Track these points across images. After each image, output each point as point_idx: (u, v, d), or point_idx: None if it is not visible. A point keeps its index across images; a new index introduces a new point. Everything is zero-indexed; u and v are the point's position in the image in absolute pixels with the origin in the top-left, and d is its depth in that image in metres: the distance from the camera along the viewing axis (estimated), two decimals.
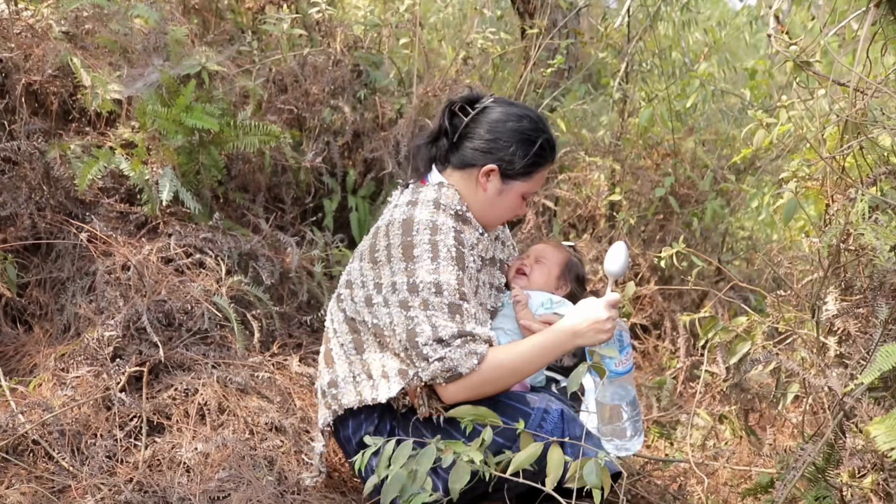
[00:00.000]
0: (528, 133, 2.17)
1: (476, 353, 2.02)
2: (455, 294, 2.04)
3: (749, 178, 3.59)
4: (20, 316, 3.06)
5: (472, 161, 2.19)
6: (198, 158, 3.08)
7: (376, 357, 2.17)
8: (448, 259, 2.07)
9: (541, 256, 2.47)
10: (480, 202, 2.22)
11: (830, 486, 1.84)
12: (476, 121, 2.19)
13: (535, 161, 2.18)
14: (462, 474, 1.53)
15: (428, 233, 2.10)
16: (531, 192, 2.26)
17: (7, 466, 2.45)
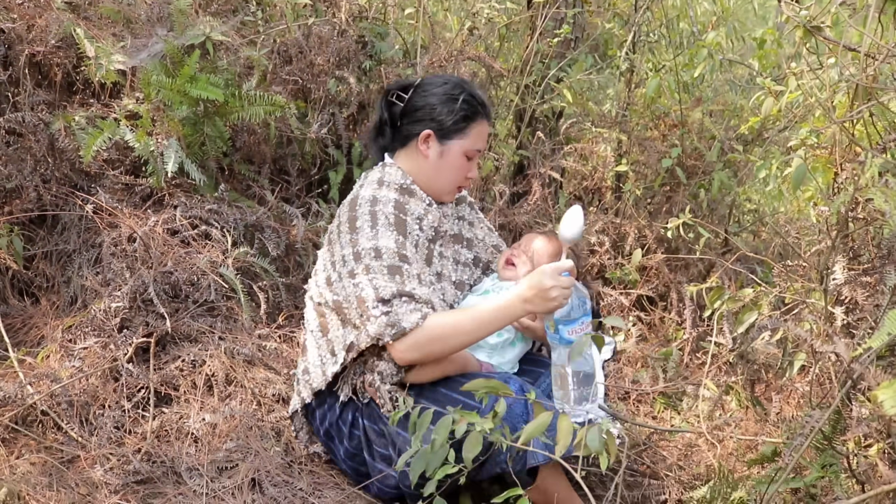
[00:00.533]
0: (450, 92, 2.31)
1: (419, 310, 2.09)
2: (394, 256, 2.14)
3: (756, 150, 3.56)
4: (27, 288, 3.06)
5: (410, 134, 2.34)
6: (203, 130, 3.07)
7: (339, 334, 2.25)
8: (386, 225, 2.19)
9: (530, 246, 2.49)
10: (426, 171, 2.34)
11: (837, 453, 1.84)
12: (408, 101, 2.34)
13: (463, 116, 2.29)
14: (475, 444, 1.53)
15: (368, 205, 2.24)
16: (474, 150, 2.34)
17: (17, 437, 2.47)
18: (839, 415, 1.98)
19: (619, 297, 3.58)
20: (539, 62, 3.70)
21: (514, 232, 3.70)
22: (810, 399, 2.14)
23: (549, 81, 3.66)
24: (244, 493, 2.32)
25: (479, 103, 2.34)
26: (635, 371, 3.32)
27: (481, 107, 2.35)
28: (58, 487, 2.33)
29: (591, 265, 3.72)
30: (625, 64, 3.71)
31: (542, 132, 3.77)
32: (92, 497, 2.31)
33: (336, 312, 2.25)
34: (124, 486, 2.34)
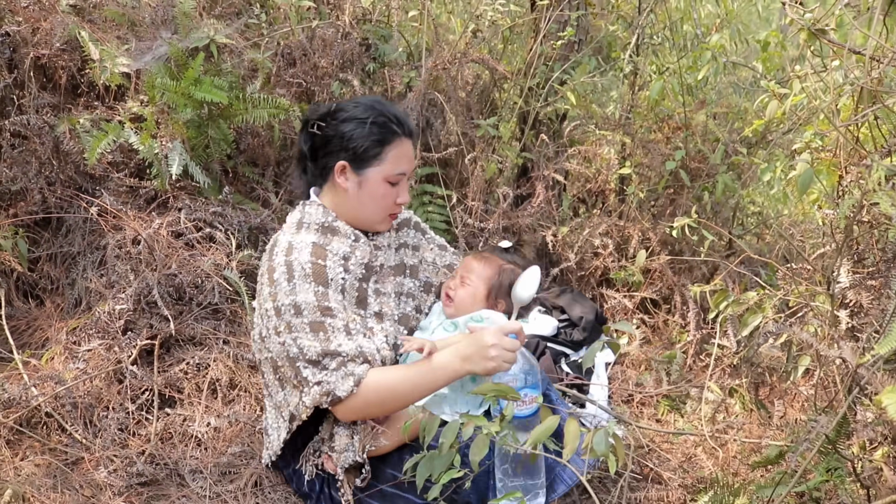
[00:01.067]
0: (360, 117, 2.13)
1: (353, 374, 1.99)
2: (315, 311, 2.01)
3: (760, 153, 3.56)
4: (31, 290, 3.07)
5: (327, 167, 2.18)
6: (207, 132, 3.07)
7: (281, 397, 2.17)
8: (303, 277, 2.05)
9: (466, 274, 2.34)
10: (348, 205, 2.19)
11: (843, 457, 1.83)
12: (322, 131, 2.18)
13: (376, 140, 2.13)
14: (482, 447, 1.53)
15: (283, 254, 2.09)
16: (396, 174, 2.17)
17: (21, 438, 2.48)
18: (844, 419, 1.97)
19: (622, 299, 3.58)
20: (542, 65, 3.70)
21: (518, 234, 3.70)
22: (815, 403, 2.14)
23: (552, 84, 3.65)
24: (247, 497, 2.32)
25: (395, 122, 2.16)
26: (639, 374, 3.32)
27: (397, 126, 2.16)
28: (62, 489, 2.33)
29: (594, 268, 3.72)
30: (628, 66, 3.71)
31: (546, 135, 3.77)
32: (96, 499, 2.31)
33: (274, 371, 2.15)
34: (128, 488, 2.35)
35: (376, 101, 2.20)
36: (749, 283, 3.41)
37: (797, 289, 2.38)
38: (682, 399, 3.12)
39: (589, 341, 3.41)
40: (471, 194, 3.64)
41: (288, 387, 2.13)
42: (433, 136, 3.68)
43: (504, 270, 2.34)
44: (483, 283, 2.32)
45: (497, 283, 2.33)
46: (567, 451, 1.54)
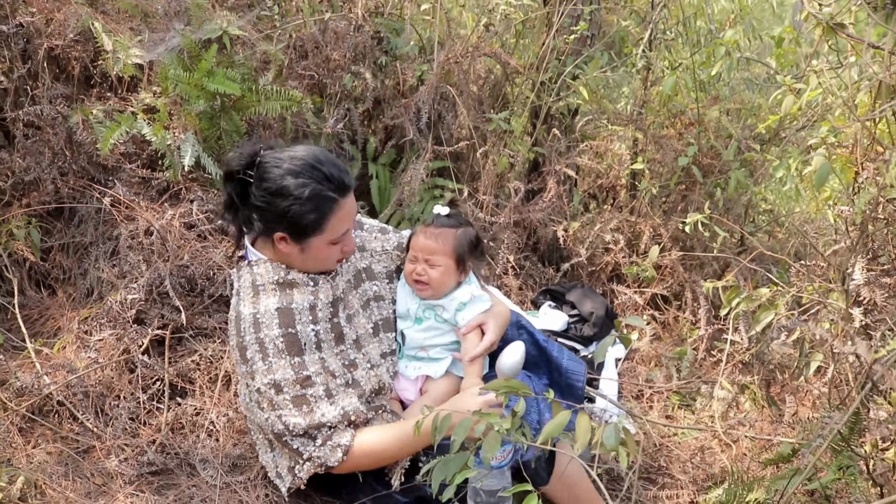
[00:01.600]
0: (296, 192, 1.99)
1: (339, 445, 2.04)
2: (295, 386, 2.02)
3: (773, 149, 3.54)
4: (44, 280, 3.08)
5: (265, 231, 2.07)
6: (219, 124, 3.07)
7: (269, 458, 2.22)
8: (277, 353, 2.02)
9: (429, 256, 2.28)
10: (295, 263, 2.12)
11: (856, 455, 1.83)
12: (255, 191, 2.03)
13: (315, 217, 2.02)
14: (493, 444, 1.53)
15: (253, 331, 2.04)
16: (338, 235, 2.09)
17: (33, 426, 2.49)
18: (857, 416, 1.96)
19: (633, 295, 3.58)
20: (555, 59, 3.69)
21: (529, 229, 3.69)
22: (829, 400, 2.13)
23: (565, 78, 3.64)
24: (257, 488, 2.33)
25: (331, 188, 2.02)
26: (649, 370, 3.31)
27: (334, 191, 2.02)
28: (73, 477, 2.34)
29: (604, 263, 3.72)
30: (641, 61, 3.69)
31: (558, 129, 3.76)
32: (107, 487, 2.32)
33: (262, 433, 2.19)
34: (139, 477, 2.36)
35: (306, 167, 2.01)
36: (761, 280, 3.40)
37: (811, 286, 2.36)
38: (693, 395, 3.11)
39: (599, 337, 3.41)
40: (482, 188, 3.64)
41: (277, 449, 2.18)
42: (445, 130, 3.67)
43: (459, 235, 2.30)
44: (448, 257, 2.28)
45: (461, 251, 2.29)
46: (579, 446, 1.53)
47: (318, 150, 2.10)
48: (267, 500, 2.29)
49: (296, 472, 2.10)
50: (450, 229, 2.30)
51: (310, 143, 3.18)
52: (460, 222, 2.33)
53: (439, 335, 2.32)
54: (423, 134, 3.60)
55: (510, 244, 3.49)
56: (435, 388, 2.29)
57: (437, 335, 2.32)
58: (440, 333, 2.32)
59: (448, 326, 2.32)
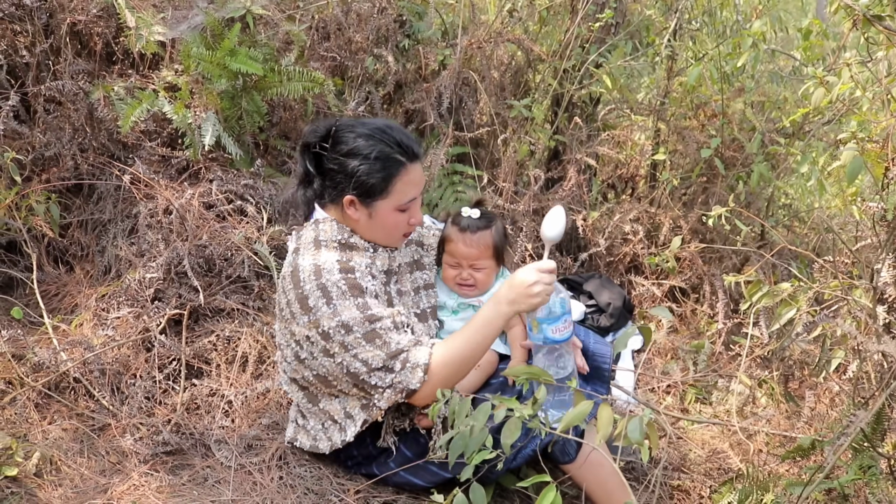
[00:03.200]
0: (362, 153, 2.08)
1: (418, 365, 2.02)
2: (364, 323, 2.02)
3: (797, 143, 3.50)
4: (62, 256, 3.09)
5: (335, 196, 2.13)
6: (240, 104, 3.06)
7: (334, 403, 2.17)
8: (340, 296, 2.03)
9: (472, 260, 2.33)
10: (360, 228, 2.17)
11: (879, 454, 1.80)
12: (330, 155, 2.12)
13: (381, 177, 2.08)
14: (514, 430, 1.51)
15: (314, 278, 2.06)
16: (405, 202, 2.14)
17: (50, 403, 2.49)
18: (880, 416, 1.94)
19: (651, 287, 3.55)
20: (578, 47, 3.65)
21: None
22: (853, 397, 2.10)
23: (588, 66, 3.61)
24: (272, 470, 2.32)
25: (399, 152, 2.10)
26: (665, 362, 3.29)
27: (402, 155, 2.10)
28: (88, 454, 2.35)
29: (623, 254, 3.69)
30: (666, 51, 3.65)
31: (580, 118, 3.73)
32: (121, 465, 2.32)
33: (323, 385, 2.13)
34: (153, 456, 2.36)
35: (376, 130, 2.12)
36: (781, 275, 3.37)
37: (833, 282, 2.33)
38: (709, 389, 3.09)
39: (616, 328, 3.39)
40: (502, 175, 3.61)
41: (342, 396, 2.15)
42: (465, 116, 3.65)
43: (495, 235, 2.36)
44: (489, 258, 2.34)
45: (500, 247, 2.36)
46: (600, 436, 1.52)
47: (391, 121, 2.20)
48: (281, 482, 2.28)
49: (374, 402, 2.06)
50: (485, 231, 2.34)
51: None
52: (490, 220, 2.37)
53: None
54: (444, 119, 3.57)
55: (529, 232, 3.46)
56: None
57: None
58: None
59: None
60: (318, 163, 2.15)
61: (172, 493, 2.23)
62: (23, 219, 2.88)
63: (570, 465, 2.17)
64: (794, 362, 2.91)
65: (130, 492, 2.22)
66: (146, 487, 2.24)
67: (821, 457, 2.26)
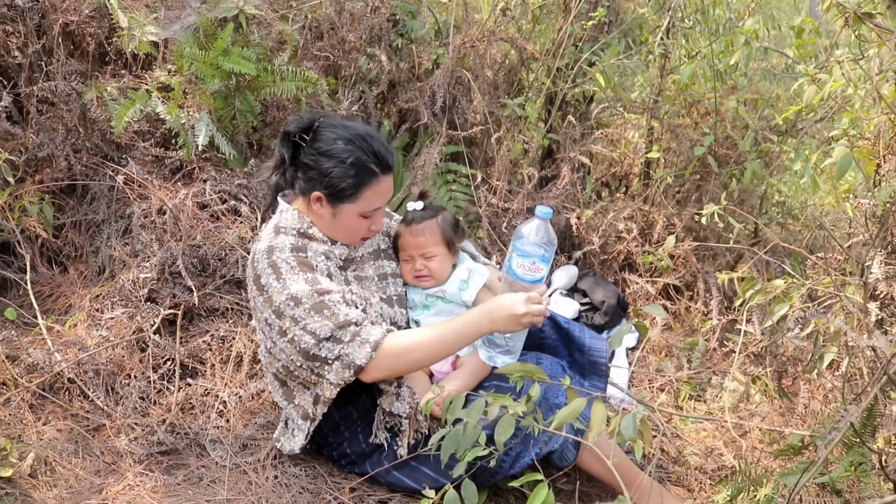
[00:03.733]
0: (343, 155, 2.12)
1: (368, 341, 2.03)
2: (313, 295, 2.04)
3: (790, 141, 3.50)
4: (55, 257, 3.08)
5: (305, 190, 2.18)
6: (233, 104, 3.06)
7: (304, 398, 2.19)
8: (289, 271, 2.08)
9: (423, 250, 2.36)
10: (322, 225, 2.22)
11: (870, 450, 1.81)
12: (307, 149, 2.16)
13: (352, 182, 2.13)
14: (507, 427, 1.52)
15: (265, 257, 2.11)
16: (370, 210, 2.18)
17: (44, 403, 2.49)
18: (871, 411, 1.95)
19: (645, 285, 3.56)
20: (572, 45, 3.66)
21: None
22: (843, 394, 2.11)
23: (581, 65, 3.61)
24: (266, 469, 2.33)
25: (375, 162, 2.14)
26: (659, 359, 3.30)
27: (377, 165, 2.14)
28: (83, 455, 2.35)
29: (617, 252, 3.70)
30: (659, 49, 3.66)
31: (573, 116, 3.74)
32: (116, 465, 2.32)
33: (288, 377, 2.16)
34: (148, 456, 2.36)
35: (357, 136, 2.15)
36: (774, 272, 3.38)
37: (826, 279, 2.34)
38: (703, 386, 3.10)
39: (610, 326, 3.40)
40: (495, 174, 3.62)
41: (302, 387, 2.17)
42: (459, 115, 3.65)
43: (441, 223, 2.39)
44: (440, 245, 2.37)
45: (448, 235, 2.39)
46: (593, 434, 1.53)
47: (372, 129, 2.24)
48: (276, 481, 2.29)
49: (325, 377, 2.06)
50: (430, 220, 2.38)
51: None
52: (436, 210, 2.42)
53: (451, 314, 2.34)
54: (438, 118, 3.58)
55: None
56: (470, 361, 2.31)
57: (448, 315, 2.34)
58: (451, 313, 2.34)
59: (456, 304, 2.36)
60: (295, 153, 2.19)
61: (167, 493, 2.23)
62: (16, 220, 2.87)
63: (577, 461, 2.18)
64: (787, 359, 2.92)
65: (125, 492, 2.22)
66: (141, 487, 2.24)
67: (813, 453, 2.27)
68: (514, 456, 2.11)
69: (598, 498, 2.32)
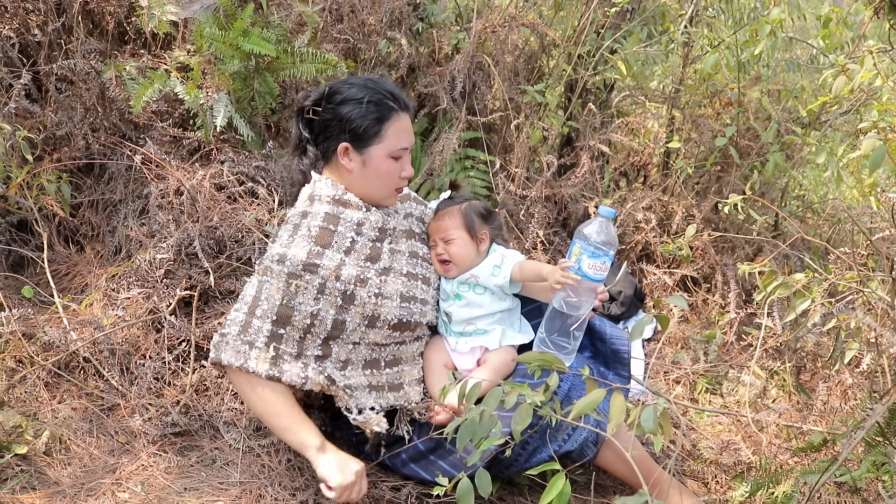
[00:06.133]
0: (356, 98, 2.14)
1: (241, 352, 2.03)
2: (298, 265, 2.04)
3: (814, 133, 3.46)
4: (72, 236, 3.08)
5: (329, 150, 2.19)
6: (252, 85, 3.04)
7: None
8: (305, 237, 2.09)
9: (443, 234, 2.36)
10: (355, 183, 2.20)
11: (893, 447, 1.78)
12: (324, 110, 2.18)
13: (375, 119, 2.14)
14: (525, 416, 1.50)
15: (298, 218, 2.14)
16: (398, 149, 2.18)
17: (59, 382, 2.49)
18: (894, 410, 1.92)
19: (662, 276, 3.53)
20: (593, 32, 3.61)
21: (560, 204, 3.64)
22: (870, 392, 2.08)
23: (602, 52, 3.57)
24: (280, 452, 2.32)
25: (391, 98, 2.17)
26: (675, 352, 3.27)
27: (393, 101, 2.17)
28: (97, 434, 2.35)
29: (635, 242, 3.66)
30: (682, 38, 3.61)
31: (593, 104, 3.70)
32: (130, 445, 2.32)
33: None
34: (162, 437, 2.36)
35: (369, 80, 2.20)
36: (794, 266, 3.34)
37: (849, 273, 2.31)
38: (719, 380, 3.07)
39: (626, 316, 3.37)
40: (514, 161, 3.59)
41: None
42: (478, 101, 3.62)
43: (465, 208, 2.40)
44: (459, 229, 2.36)
45: (470, 221, 2.38)
46: (612, 426, 1.51)
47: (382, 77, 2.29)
48: (289, 464, 2.28)
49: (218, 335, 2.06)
50: (454, 206, 2.40)
51: None
52: (465, 199, 2.43)
53: (481, 307, 2.33)
54: (457, 103, 3.55)
55: (540, 219, 3.44)
56: (494, 358, 2.30)
57: (479, 307, 2.33)
58: (482, 305, 2.33)
59: (488, 296, 2.34)
60: (312, 126, 2.21)
61: (181, 474, 2.23)
62: (34, 198, 2.87)
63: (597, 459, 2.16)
64: (806, 354, 2.89)
65: (139, 472, 2.22)
66: (154, 468, 2.24)
67: (833, 451, 2.25)
68: (531, 451, 2.09)
69: (613, 489, 2.31)
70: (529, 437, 2.08)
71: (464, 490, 1.52)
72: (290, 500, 2.14)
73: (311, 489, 2.18)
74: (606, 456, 2.15)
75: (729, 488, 2.42)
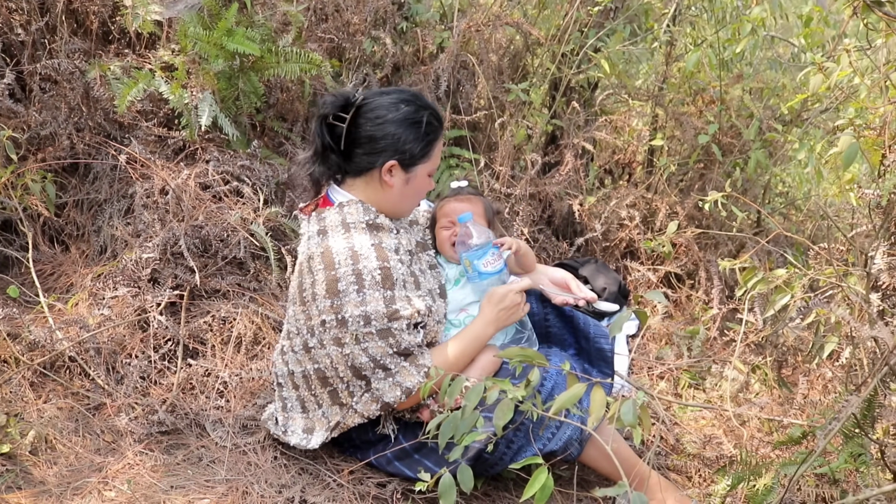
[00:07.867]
0: (411, 117, 2.10)
1: (425, 366, 2.10)
2: (383, 319, 2.04)
3: (795, 130, 3.49)
4: (57, 236, 3.08)
5: (369, 165, 2.13)
6: (237, 84, 3.05)
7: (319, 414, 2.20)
8: (373, 285, 2.04)
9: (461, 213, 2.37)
10: (391, 199, 2.18)
11: (871, 440, 1.81)
12: (356, 124, 2.11)
13: (428, 141, 2.13)
14: (506, 411, 1.52)
15: (350, 262, 2.05)
16: (435, 167, 2.22)
17: (45, 381, 2.50)
18: (871, 402, 1.95)
19: (646, 272, 3.56)
20: (577, 31, 3.64)
21: (545, 202, 3.67)
22: (846, 384, 2.11)
23: (586, 51, 3.60)
24: (266, 450, 2.33)
25: (436, 118, 2.16)
26: (659, 347, 3.30)
27: (437, 119, 2.17)
28: (83, 433, 2.36)
29: (619, 239, 3.69)
30: (665, 36, 3.64)
31: (577, 102, 3.72)
32: (116, 444, 2.33)
33: (319, 382, 2.15)
34: (148, 436, 2.37)
35: (411, 95, 2.15)
36: (776, 262, 3.38)
37: (828, 269, 2.34)
38: (703, 375, 3.10)
39: (611, 313, 3.40)
40: (499, 159, 3.61)
41: (335, 405, 2.16)
42: (463, 99, 3.64)
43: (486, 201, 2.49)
44: (480, 216, 2.41)
45: (490, 214, 2.46)
46: (592, 420, 1.52)
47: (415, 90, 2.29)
48: (276, 462, 2.29)
49: (352, 405, 2.11)
50: (475, 195, 2.46)
51: None
52: (476, 193, 2.49)
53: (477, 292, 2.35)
54: (442, 102, 3.56)
55: (525, 216, 3.47)
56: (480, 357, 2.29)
57: (475, 293, 2.35)
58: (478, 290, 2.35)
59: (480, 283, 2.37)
60: (338, 134, 2.12)
61: (167, 473, 2.24)
62: (18, 198, 2.87)
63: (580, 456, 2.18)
64: (787, 348, 2.92)
65: (125, 471, 2.22)
66: (141, 466, 2.24)
67: (813, 443, 2.28)
68: (516, 449, 2.11)
69: (596, 484, 2.33)
70: (514, 435, 2.10)
71: (446, 486, 1.53)
72: (276, 497, 2.16)
73: (298, 486, 2.20)
74: (590, 453, 2.17)
75: (712, 482, 2.45)
